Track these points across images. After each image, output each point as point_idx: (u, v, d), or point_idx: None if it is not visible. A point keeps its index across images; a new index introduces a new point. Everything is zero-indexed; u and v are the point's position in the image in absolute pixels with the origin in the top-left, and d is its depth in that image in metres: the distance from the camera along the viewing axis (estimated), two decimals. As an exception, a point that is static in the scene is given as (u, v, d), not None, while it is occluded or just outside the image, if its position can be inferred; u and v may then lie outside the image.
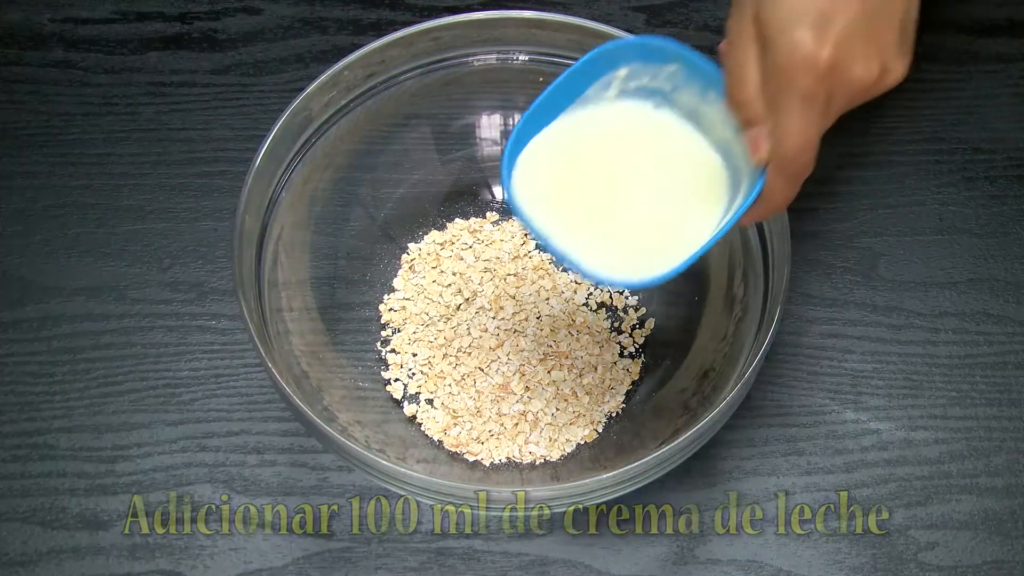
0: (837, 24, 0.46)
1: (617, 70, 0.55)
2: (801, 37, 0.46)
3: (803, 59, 0.46)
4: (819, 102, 0.48)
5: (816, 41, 0.46)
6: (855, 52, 0.47)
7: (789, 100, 0.48)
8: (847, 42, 0.46)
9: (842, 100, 0.48)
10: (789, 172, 0.50)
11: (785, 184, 0.51)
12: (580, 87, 0.56)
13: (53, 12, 0.82)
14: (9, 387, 0.69)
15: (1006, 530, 0.65)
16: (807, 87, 0.47)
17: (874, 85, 0.49)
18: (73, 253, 0.73)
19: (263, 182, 0.61)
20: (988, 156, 0.77)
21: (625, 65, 0.55)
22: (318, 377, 0.63)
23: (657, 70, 0.55)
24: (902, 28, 0.48)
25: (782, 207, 0.52)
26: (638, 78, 0.55)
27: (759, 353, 0.55)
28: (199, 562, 0.64)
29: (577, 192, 0.55)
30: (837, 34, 0.46)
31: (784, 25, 0.47)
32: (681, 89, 0.54)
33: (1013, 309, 0.71)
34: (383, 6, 0.83)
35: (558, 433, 0.65)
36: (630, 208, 0.55)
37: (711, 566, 0.64)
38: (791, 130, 0.48)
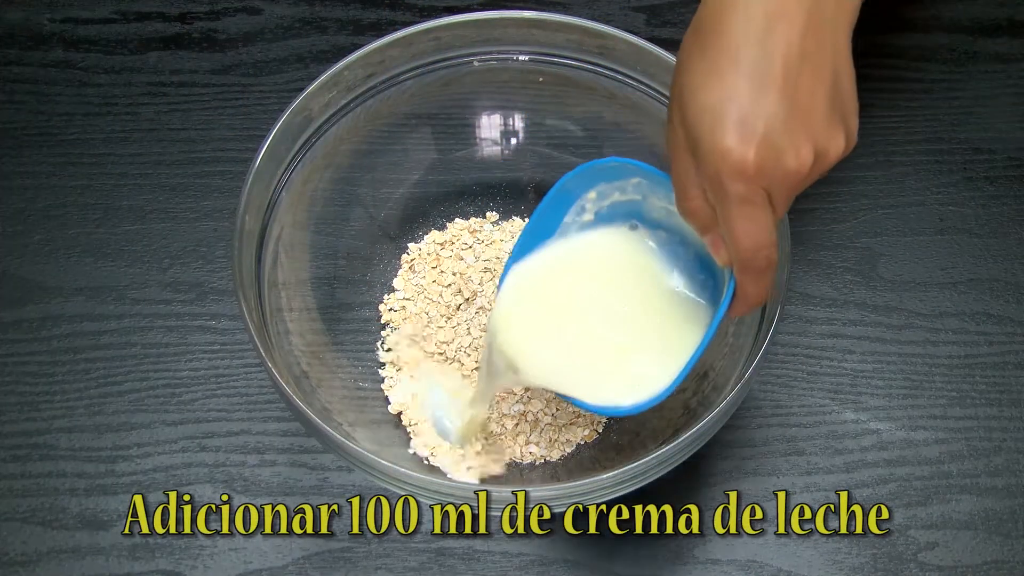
0: (756, 123, 0.45)
1: (587, 193, 0.59)
2: (724, 144, 0.45)
3: (731, 167, 0.46)
4: (758, 202, 0.47)
5: (740, 145, 0.45)
6: (781, 144, 0.45)
7: (727, 207, 0.47)
8: (770, 137, 0.45)
9: (784, 191, 0.47)
10: (752, 270, 0.49)
11: (753, 281, 0.50)
12: (555, 218, 0.59)
13: (53, 12, 0.82)
14: (9, 387, 0.69)
15: (1006, 530, 0.65)
16: (740, 192, 0.46)
17: (815, 168, 0.47)
18: (73, 253, 0.73)
19: (263, 182, 0.61)
20: (988, 156, 0.77)
21: (593, 188, 0.58)
22: (318, 377, 0.63)
23: (623, 184, 0.58)
24: (831, 101, 0.47)
25: (759, 302, 0.51)
26: (609, 196, 0.58)
27: (759, 353, 0.55)
28: (199, 562, 0.64)
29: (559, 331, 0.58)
30: (758, 133, 0.45)
31: (706, 134, 0.46)
32: (649, 196, 0.57)
33: (1013, 309, 0.71)
34: (383, 6, 0.83)
35: (558, 433, 0.65)
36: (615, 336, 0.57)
37: (711, 566, 0.64)
38: (738, 235, 0.48)
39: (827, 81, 0.46)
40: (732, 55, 0.46)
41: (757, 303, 0.52)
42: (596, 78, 0.66)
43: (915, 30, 0.81)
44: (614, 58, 0.65)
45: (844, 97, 0.48)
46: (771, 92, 0.45)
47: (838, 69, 0.47)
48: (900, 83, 0.79)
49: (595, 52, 0.65)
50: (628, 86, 0.66)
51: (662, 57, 0.63)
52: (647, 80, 0.65)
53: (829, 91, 0.46)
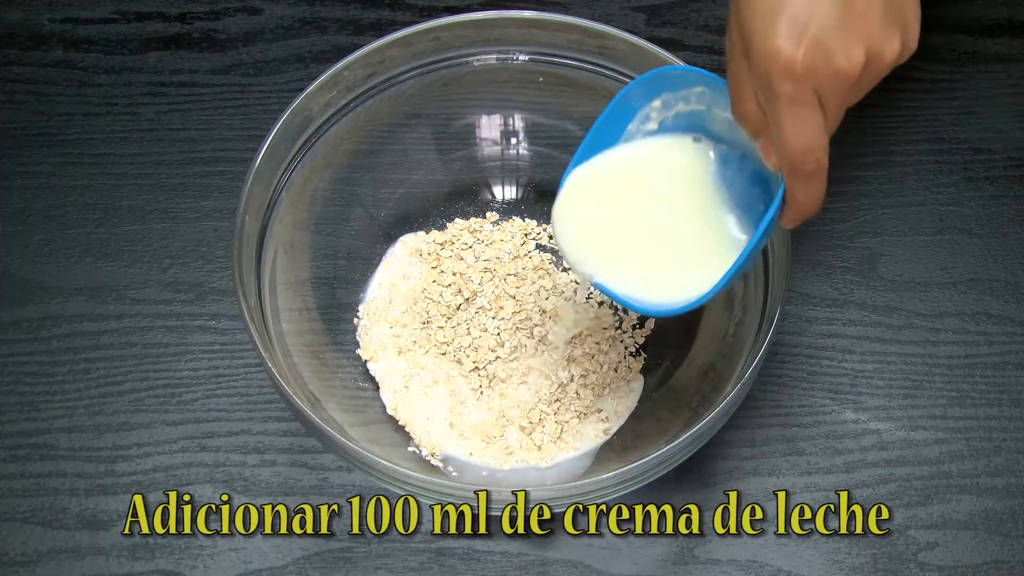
0: (808, 23, 0.46)
1: (651, 102, 0.57)
2: (774, 43, 0.46)
3: (780, 66, 0.46)
4: (807, 103, 0.47)
5: (790, 44, 0.46)
6: (832, 46, 0.46)
7: (777, 107, 0.47)
8: (822, 38, 0.46)
9: (838, 93, 0.48)
10: (801, 174, 0.49)
11: (802, 186, 0.50)
12: (619, 125, 0.58)
13: (53, 12, 0.83)
14: (9, 387, 0.69)
15: (1006, 530, 0.65)
16: (789, 92, 0.47)
17: (867, 71, 0.48)
18: (73, 253, 0.73)
19: (263, 182, 0.61)
20: (988, 156, 0.77)
21: (657, 97, 0.57)
22: (318, 377, 0.63)
23: (687, 94, 0.57)
24: (887, 5, 0.47)
25: (811, 209, 0.51)
26: (674, 106, 0.57)
27: (759, 353, 0.55)
28: (199, 562, 0.64)
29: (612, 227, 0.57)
30: (809, 34, 0.46)
31: (758, 33, 0.47)
32: (714, 106, 0.56)
33: (1013, 309, 0.71)
34: (383, 6, 0.83)
35: (559, 433, 0.65)
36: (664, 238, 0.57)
37: (711, 566, 0.64)
38: (787, 135, 0.48)
39: None
40: None
41: (808, 210, 0.51)
42: (596, 78, 0.66)
43: (915, 30, 0.81)
44: (614, 58, 0.65)
45: (905, 2, 0.48)
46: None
47: None
48: (900, 83, 0.79)
49: (595, 52, 0.65)
50: (628, 86, 0.66)
51: (662, 57, 0.63)
52: (647, 80, 0.65)
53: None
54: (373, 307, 0.70)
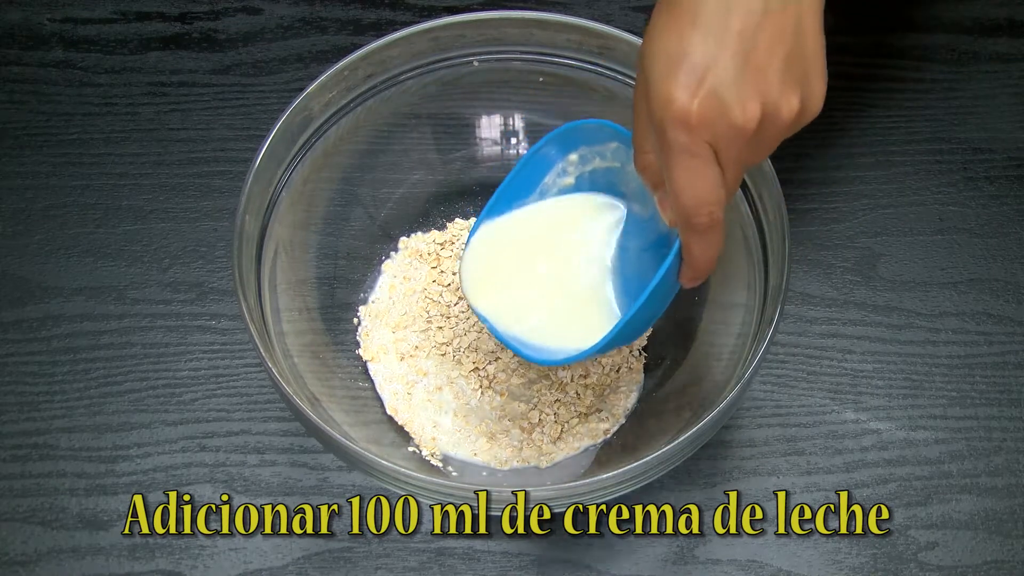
0: (704, 75, 0.45)
1: (568, 155, 0.59)
2: (669, 92, 0.45)
3: (673, 115, 0.45)
4: (702, 156, 0.46)
5: (686, 94, 0.45)
6: (728, 99, 0.45)
7: (670, 158, 0.47)
8: (718, 90, 0.45)
9: (733, 148, 0.47)
10: (695, 228, 0.49)
11: (697, 241, 0.50)
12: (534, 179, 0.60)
13: (53, 12, 0.82)
14: (9, 387, 0.69)
15: (1006, 530, 0.65)
16: (683, 143, 0.46)
17: (764, 127, 0.47)
18: (73, 253, 0.73)
19: (263, 182, 0.61)
20: (988, 156, 0.77)
21: (574, 150, 0.59)
22: (318, 377, 0.63)
23: (603, 150, 0.58)
24: (788, 61, 0.46)
25: (708, 266, 0.51)
26: (590, 161, 0.59)
27: (759, 353, 0.55)
28: (199, 562, 0.64)
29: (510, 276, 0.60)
30: (705, 85, 0.45)
31: (656, 82, 0.46)
32: (627, 163, 0.56)
33: (1013, 309, 0.71)
34: (383, 6, 0.83)
35: (560, 433, 0.65)
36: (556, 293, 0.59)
37: (711, 566, 0.64)
38: (681, 187, 0.47)
39: (787, 42, 0.46)
40: (693, 9, 0.46)
41: (705, 267, 0.51)
42: (596, 78, 0.66)
43: (915, 30, 0.81)
44: (614, 58, 0.65)
45: (807, 61, 0.47)
46: (725, 47, 0.45)
47: (802, 31, 0.47)
48: (900, 83, 0.79)
49: (595, 52, 0.65)
50: (628, 86, 0.66)
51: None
52: (647, 80, 0.65)
53: (788, 52, 0.46)
54: (373, 308, 0.70)
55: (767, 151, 0.49)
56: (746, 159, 0.48)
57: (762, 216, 0.60)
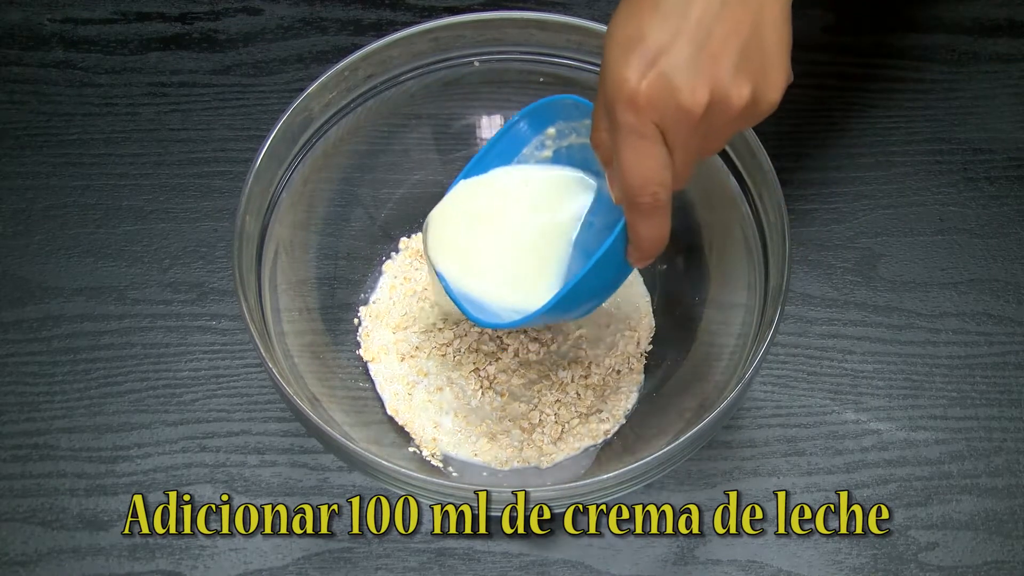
0: (656, 58, 0.46)
1: (547, 129, 0.60)
2: (621, 72, 0.46)
3: (624, 95, 0.46)
4: (648, 136, 0.47)
5: (636, 75, 0.46)
6: (677, 82, 0.46)
7: (618, 137, 0.48)
8: (668, 72, 0.46)
9: (681, 130, 0.47)
10: (640, 208, 0.49)
11: (641, 220, 0.50)
12: (514, 146, 0.60)
13: (53, 12, 0.82)
14: (9, 387, 0.69)
15: (1006, 530, 0.65)
16: (630, 122, 0.47)
17: (714, 112, 0.47)
18: (73, 253, 0.73)
19: (263, 182, 0.61)
20: (988, 156, 0.77)
21: (552, 124, 0.59)
22: (318, 377, 0.63)
23: (579, 126, 0.58)
24: (744, 52, 0.47)
25: (653, 246, 0.51)
26: (567, 136, 0.59)
27: (759, 353, 0.55)
28: (199, 562, 0.64)
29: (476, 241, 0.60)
30: (658, 66, 0.46)
31: (611, 63, 0.47)
32: None
33: (1013, 309, 0.71)
34: (383, 6, 0.83)
35: (560, 434, 0.65)
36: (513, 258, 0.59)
37: (711, 566, 0.64)
38: (626, 165, 0.48)
39: (744, 34, 0.47)
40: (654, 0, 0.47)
41: (650, 247, 0.51)
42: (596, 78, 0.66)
43: (915, 30, 0.81)
44: (614, 58, 0.65)
45: (766, 54, 0.48)
46: (680, 34, 0.46)
47: (762, 25, 0.47)
48: (900, 83, 0.79)
49: (595, 52, 0.65)
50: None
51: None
52: (647, 80, 0.65)
53: (745, 43, 0.47)
54: (374, 308, 0.70)
55: (718, 141, 0.49)
56: (696, 146, 0.48)
57: (762, 216, 0.60)
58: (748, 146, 0.60)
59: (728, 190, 0.62)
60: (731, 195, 0.62)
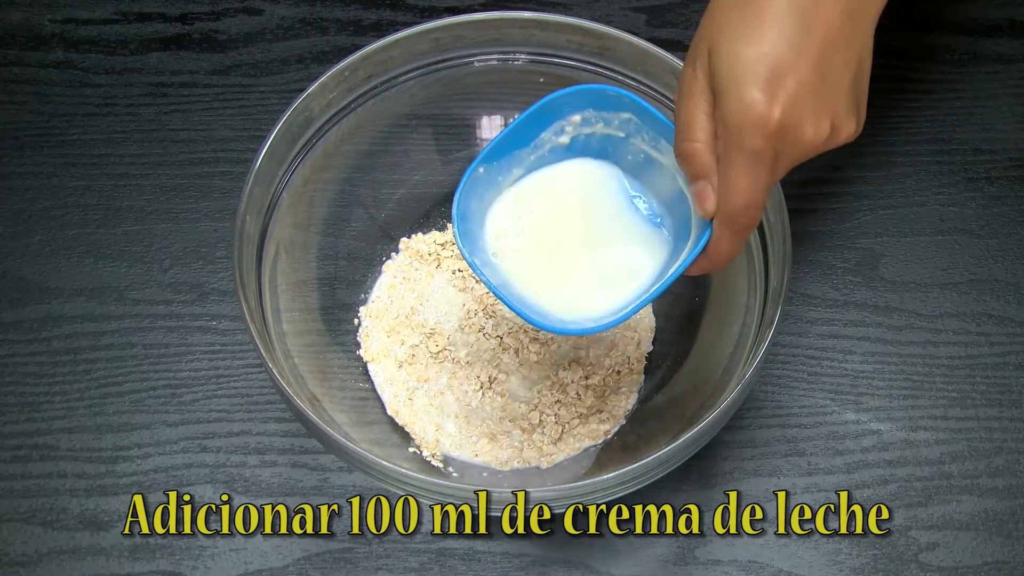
0: (789, 85, 0.46)
1: (571, 115, 0.57)
2: (753, 97, 0.46)
3: (754, 119, 0.46)
4: (766, 162, 0.47)
5: (767, 101, 0.46)
6: (805, 112, 0.46)
7: (738, 158, 0.47)
8: (798, 103, 0.46)
9: (789, 158, 0.48)
10: (736, 227, 0.49)
11: (731, 238, 0.50)
12: (535, 130, 0.57)
13: (53, 12, 0.82)
14: (9, 387, 0.69)
15: (1007, 531, 0.65)
16: (757, 147, 0.46)
17: (824, 144, 0.48)
18: (73, 253, 0.73)
19: (264, 183, 0.61)
20: (988, 156, 0.77)
21: (579, 111, 0.57)
22: (318, 378, 0.63)
23: (611, 117, 0.57)
24: (854, 85, 0.47)
25: (727, 261, 0.52)
26: (592, 124, 0.57)
27: (759, 353, 0.55)
28: (199, 562, 0.64)
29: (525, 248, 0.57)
30: (788, 95, 0.46)
31: (737, 82, 0.46)
32: (634, 137, 0.56)
33: (1013, 309, 0.71)
34: (383, 7, 0.83)
35: (560, 434, 0.65)
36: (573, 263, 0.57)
37: (711, 566, 0.64)
38: (739, 188, 0.48)
39: (854, 64, 0.47)
40: (776, 15, 0.46)
41: (724, 262, 0.52)
42: (596, 78, 0.66)
43: (915, 30, 0.81)
44: (614, 58, 0.65)
45: (863, 84, 0.48)
46: (808, 61, 0.45)
47: (863, 56, 0.48)
48: (900, 83, 0.79)
49: (595, 52, 0.65)
50: (628, 86, 0.66)
51: (663, 58, 0.63)
52: (647, 80, 0.65)
53: (854, 74, 0.47)
54: (374, 308, 0.70)
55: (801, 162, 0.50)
56: (789, 168, 0.49)
57: (762, 216, 0.60)
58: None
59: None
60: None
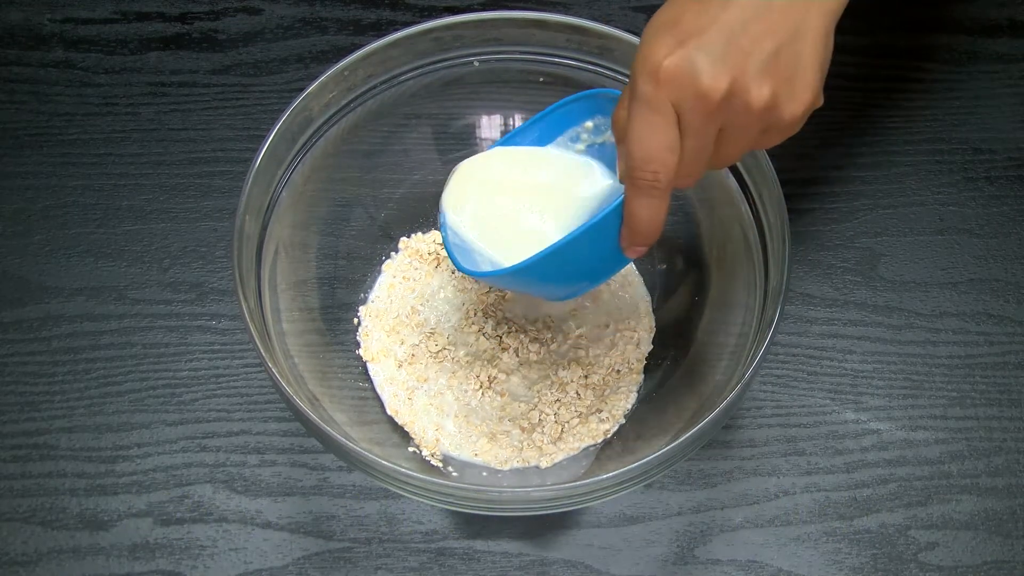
0: (688, 39, 0.46)
1: (585, 122, 0.59)
2: (647, 47, 0.47)
3: (646, 67, 0.47)
4: (662, 112, 0.47)
5: (663, 50, 0.47)
6: (700, 64, 0.46)
7: (632, 106, 0.48)
8: (693, 54, 0.46)
9: (696, 114, 0.47)
10: (638, 184, 0.49)
11: (637, 198, 0.50)
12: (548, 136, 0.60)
13: (53, 12, 0.82)
14: (9, 387, 0.69)
15: (1006, 530, 0.65)
16: (647, 94, 0.47)
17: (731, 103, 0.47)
18: (73, 253, 0.73)
19: (263, 182, 0.61)
20: (988, 156, 0.77)
21: (590, 118, 0.59)
22: (318, 377, 0.63)
23: None
24: (776, 55, 0.47)
25: (643, 230, 0.51)
26: (603, 132, 0.59)
27: (759, 353, 0.55)
28: (199, 562, 0.64)
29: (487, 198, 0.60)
30: (685, 48, 0.46)
31: (644, 40, 0.48)
32: None
33: (1013, 309, 0.71)
34: (383, 6, 0.83)
35: (560, 433, 0.65)
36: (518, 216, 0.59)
37: (711, 566, 0.64)
38: (633, 136, 0.48)
39: (780, 37, 0.47)
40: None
41: (640, 232, 0.51)
42: (596, 78, 0.66)
43: (915, 30, 0.81)
44: (614, 58, 0.65)
45: (798, 64, 0.48)
46: (715, 23, 0.46)
47: (801, 35, 0.47)
48: (900, 83, 0.79)
49: (595, 52, 0.65)
50: (628, 86, 0.66)
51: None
52: (647, 80, 0.65)
53: (778, 46, 0.47)
54: (373, 308, 0.70)
55: (733, 146, 0.49)
56: (708, 139, 0.48)
57: (762, 216, 0.60)
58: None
59: (728, 190, 0.62)
60: (731, 195, 0.62)
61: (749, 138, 0.49)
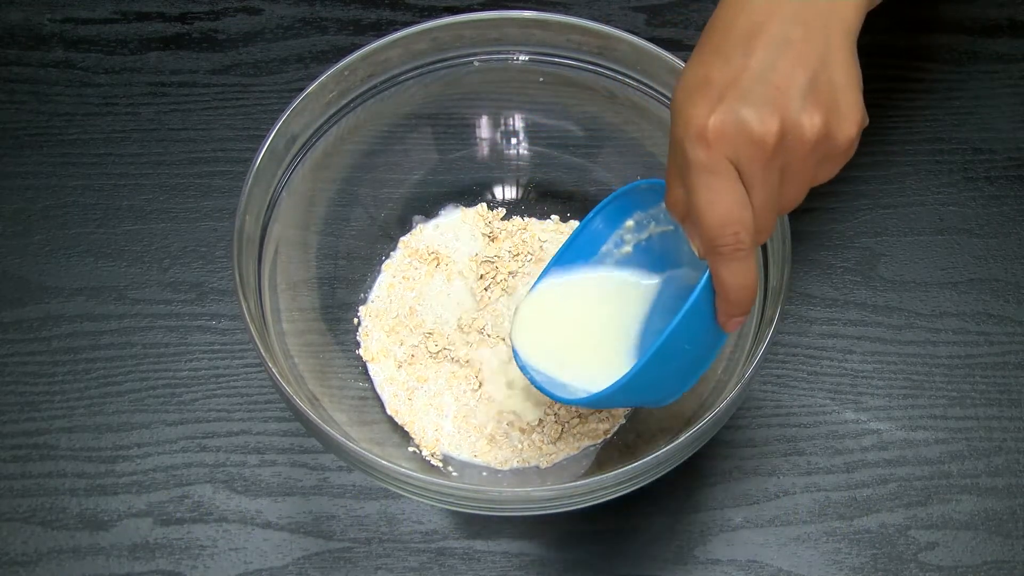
0: (725, 92, 0.46)
1: (625, 221, 0.60)
2: (688, 112, 0.46)
3: (691, 131, 0.46)
4: (722, 173, 0.46)
5: (704, 111, 0.45)
6: (746, 114, 0.45)
7: (691, 178, 0.47)
8: (735, 106, 0.45)
9: (755, 163, 0.46)
10: (720, 252, 0.48)
11: (724, 267, 0.48)
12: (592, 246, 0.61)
13: (53, 12, 0.82)
14: (9, 387, 0.69)
15: (1006, 530, 0.65)
16: (702, 160, 0.46)
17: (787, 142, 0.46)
18: (73, 253, 0.73)
19: (263, 182, 0.61)
20: (988, 156, 0.77)
21: (629, 216, 0.60)
22: (318, 377, 0.63)
23: (657, 211, 0.59)
24: (812, 84, 0.46)
25: (742, 297, 0.49)
26: (646, 226, 0.60)
27: (759, 353, 0.55)
28: (199, 562, 0.64)
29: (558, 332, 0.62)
30: (725, 102, 0.45)
31: (678, 108, 0.47)
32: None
33: (1013, 309, 0.71)
34: (383, 6, 0.83)
35: (560, 433, 0.65)
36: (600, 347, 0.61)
37: (711, 566, 0.64)
38: (701, 206, 0.47)
39: (811, 66, 0.46)
40: (717, 41, 0.47)
41: (737, 298, 0.49)
42: (596, 78, 0.66)
43: (915, 30, 0.81)
44: (614, 58, 0.65)
45: (835, 87, 0.47)
46: (744, 70, 0.46)
47: (829, 61, 0.47)
48: (900, 83, 0.79)
49: (595, 52, 0.65)
50: (628, 86, 0.66)
51: (662, 57, 0.63)
52: (647, 80, 0.65)
53: (812, 75, 0.46)
54: (373, 308, 0.70)
55: (798, 183, 0.48)
56: (774, 185, 0.47)
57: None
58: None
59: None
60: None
61: (808, 172, 0.48)
